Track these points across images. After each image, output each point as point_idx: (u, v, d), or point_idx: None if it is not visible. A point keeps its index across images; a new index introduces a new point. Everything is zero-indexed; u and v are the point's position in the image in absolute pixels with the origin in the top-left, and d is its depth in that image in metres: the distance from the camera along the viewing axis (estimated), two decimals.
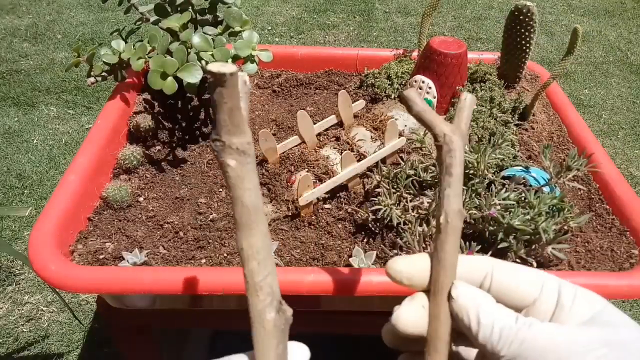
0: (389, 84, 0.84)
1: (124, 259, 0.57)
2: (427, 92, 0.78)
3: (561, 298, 0.28)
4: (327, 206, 0.67)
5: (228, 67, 0.25)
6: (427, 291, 0.31)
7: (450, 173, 0.30)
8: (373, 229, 0.63)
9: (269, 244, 0.28)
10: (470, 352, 0.33)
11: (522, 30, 0.75)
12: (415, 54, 0.91)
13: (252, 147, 0.28)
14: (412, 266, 0.30)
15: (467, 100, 0.33)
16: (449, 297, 0.29)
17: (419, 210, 0.60)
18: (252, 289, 0.27)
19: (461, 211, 0.30)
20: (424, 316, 0.30)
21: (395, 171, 0.65)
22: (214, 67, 0.25)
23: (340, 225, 0.64)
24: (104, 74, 0.73)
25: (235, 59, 0.71)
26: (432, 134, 0.32)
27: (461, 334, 0.30)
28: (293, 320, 0.28)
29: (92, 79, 0.72)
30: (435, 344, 0.29)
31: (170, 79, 0.66)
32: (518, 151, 0.73)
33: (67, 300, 1.27)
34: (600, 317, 0.27)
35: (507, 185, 0.61)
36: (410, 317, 0.29)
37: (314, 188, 0.63)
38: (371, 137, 0.76)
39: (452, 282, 0.30)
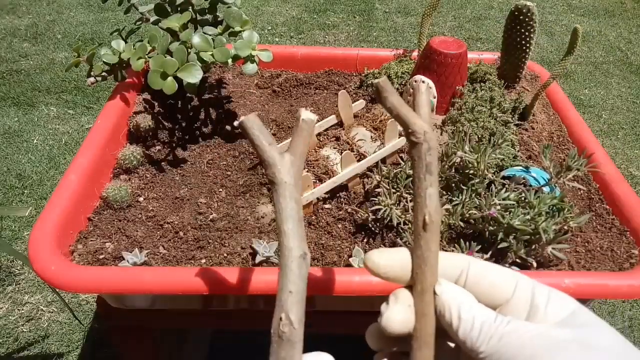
0: None
1: (124, 259, 0.57)
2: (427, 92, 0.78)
3: (535, 298, 0.29)
4: (327, 206, 0.67)
5: (242, 119, 0.30)
6: (407, 287, 0.31)
7: (431, 171, 0.30)
8: (373, 229, 0.63)
9: (291, 268, 0.29)
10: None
11: (522, 30, 0.75)
12: (415, 54, 0.91)
13: (280, 176, 0.30)
14: (390, 260, 0.31)
15: (424, 94, 0.32)
16: (434, 293, 0.30)
17: None
18: None
19: (442, 209, 0.30)
20: (411, 314, 0.30)
21: (395, 171, 0.64)
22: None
23: (340, 225, 0.64)
24: (104, 74, 0.73)
25: (235, 59, 0.71)
26: (407, 130, 0.31)
27: (442, 330, 0.30)
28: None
29: (92, 79, 0.72)
30: (427, 340, 0.30)
31: (170, 79, 0.66)
32: (518, 151, 0.73)
33: (67, 300, 1.27)
34: (573, 318, 0.28)
35: (507, 185, 0.61)
36: (400, 317, 0.30)
37: (314, 188, 0.64)
38: (371, 137, 0.76)
39: (437, 279, 0.30)
